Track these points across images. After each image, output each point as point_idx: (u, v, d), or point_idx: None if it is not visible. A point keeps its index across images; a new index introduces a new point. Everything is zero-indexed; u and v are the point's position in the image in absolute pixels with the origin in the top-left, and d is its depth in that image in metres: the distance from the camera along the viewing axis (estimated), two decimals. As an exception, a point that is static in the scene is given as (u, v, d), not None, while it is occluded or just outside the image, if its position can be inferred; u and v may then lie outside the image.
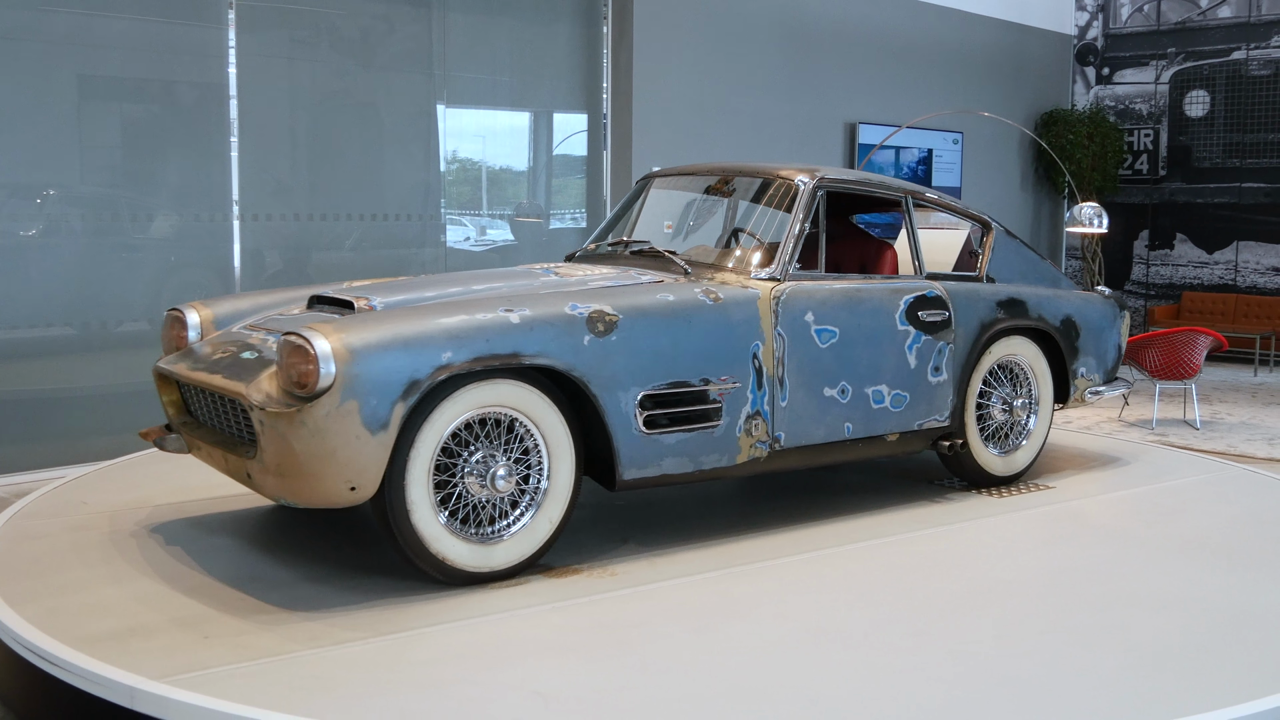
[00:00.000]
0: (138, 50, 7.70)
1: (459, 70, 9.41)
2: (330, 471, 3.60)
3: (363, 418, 3.57)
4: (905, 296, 5.00)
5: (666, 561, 4.34)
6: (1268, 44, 14.26)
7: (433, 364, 3.67)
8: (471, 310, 3.89)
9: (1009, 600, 3.98)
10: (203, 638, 3.55)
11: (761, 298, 4.54)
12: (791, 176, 4.97)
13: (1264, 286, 14.38)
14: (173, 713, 3.06)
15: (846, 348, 4.76)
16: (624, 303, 4.19)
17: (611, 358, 4.06)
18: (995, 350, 5.36)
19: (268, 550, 4.47)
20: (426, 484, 3.79)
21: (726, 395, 4.40)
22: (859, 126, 12.29)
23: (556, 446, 4.04)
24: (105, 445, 7.20)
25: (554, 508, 4.09)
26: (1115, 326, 5.96)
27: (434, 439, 3.78)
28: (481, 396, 3.85)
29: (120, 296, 7.68)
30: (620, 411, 4.10)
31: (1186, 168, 14.98)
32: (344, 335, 3.63)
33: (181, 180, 7.90)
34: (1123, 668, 3.42)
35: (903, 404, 4.99)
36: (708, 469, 4.39)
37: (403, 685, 3.21)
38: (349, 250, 8.78)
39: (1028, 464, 5.62)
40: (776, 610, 3.83)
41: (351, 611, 3.77)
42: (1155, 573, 4.31)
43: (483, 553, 3.93)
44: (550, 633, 3.60)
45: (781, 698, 3.15)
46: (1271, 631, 3.74)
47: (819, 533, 4.75)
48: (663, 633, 3.61)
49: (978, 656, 3.45)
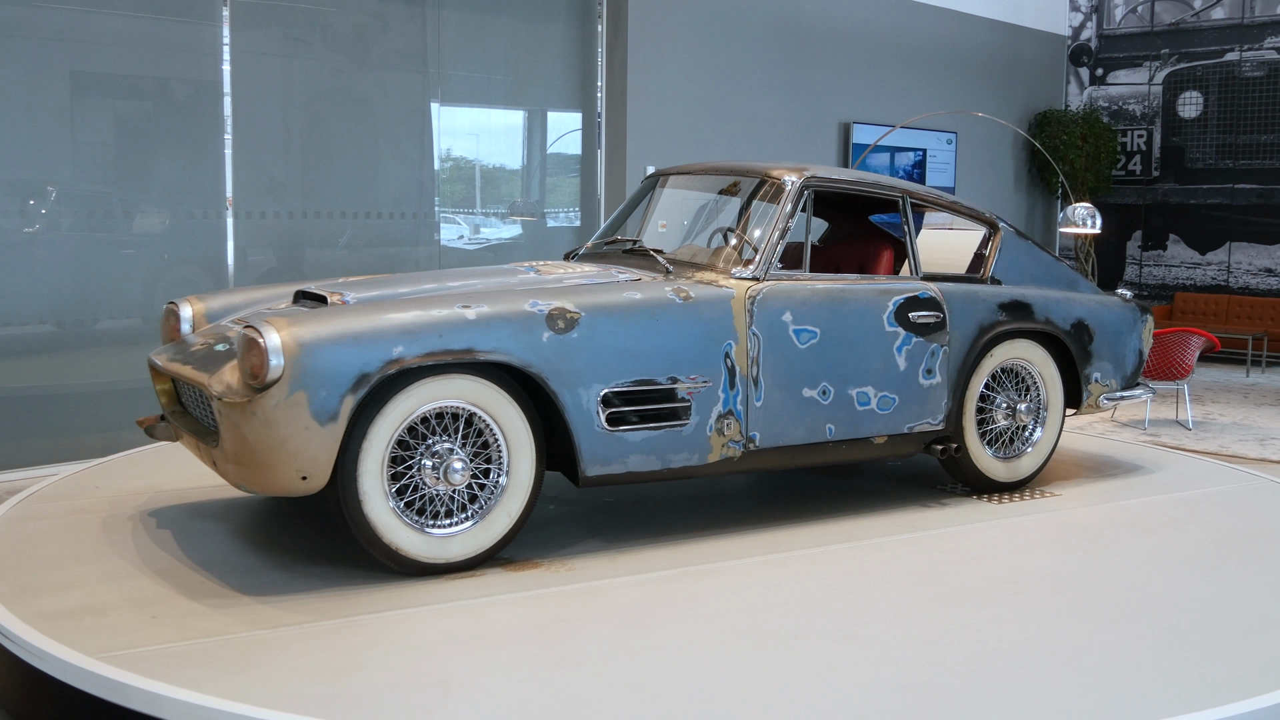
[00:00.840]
0: (132, 47, 7.69)
1: (453, 68, 9.40)
2: (281, 460, 3.70)
3: (311, 409, 3.66)
4: (895, 297, 4.91)
5: (629, 558, 4.34)
6: (1261, 45, 14.29)
7: (383, 358, 3.75)
8: (427, 306, 3.96)
9: (960, 607, 3.89)
10: (151, 617, 3.67)
11: (735, 297, 4.51)
12: (780, 175, 4.94)
13: (1256, 287, 14.41)
14: (97, 687, 3.21)
15: (828, 348, 4.71)
16: (587, 300, 4.21)
17: (572, 355, 4.09)
18: (997, 353, 5.24)
19: (249, 536, 4.55)
20: (380, 475, 3.86)
21: (696, 394, 4.38)
22: (853, 126, 12.30)
23: (516, 442, 4.08)
24: (98, 442, 7.19)
25: (513, 502, 4.12)
26: (1135, 331, 5.76)
27: (387, 432, 3.85)
28: (436, 391, 3.91)
29: (114, 293, 7.67)
30: (581, 408, 4.13)
31: (1180, 169, 15.01)
32: (295, 329, 3.72)
33: (175, 177, 7.89)
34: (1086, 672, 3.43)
35: (891, 406, 4.91)
36: (677, 467, 4.39)
37: (314, 669, 3.29)
38: (342, 248, 8.77)
39: (1034, 470, 5.47)
40: (714, 610, 3.81)
41: (303, 596, 3.86)
42: (1140, 578, 4.27)
43: (438, 544, 3.99)
44: (482, 624, 3.64)
45: (681, 697, 3.14)
46: (1261, 635, 3.75)
47: (793, 535, 4.69)
48: (592, 628, 3.64)
49: (899, 662, 3.40)
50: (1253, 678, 3.33)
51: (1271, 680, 3.30)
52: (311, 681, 3.20)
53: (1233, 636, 3.68)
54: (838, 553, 4.48)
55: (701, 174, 5.33)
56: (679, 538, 4.63)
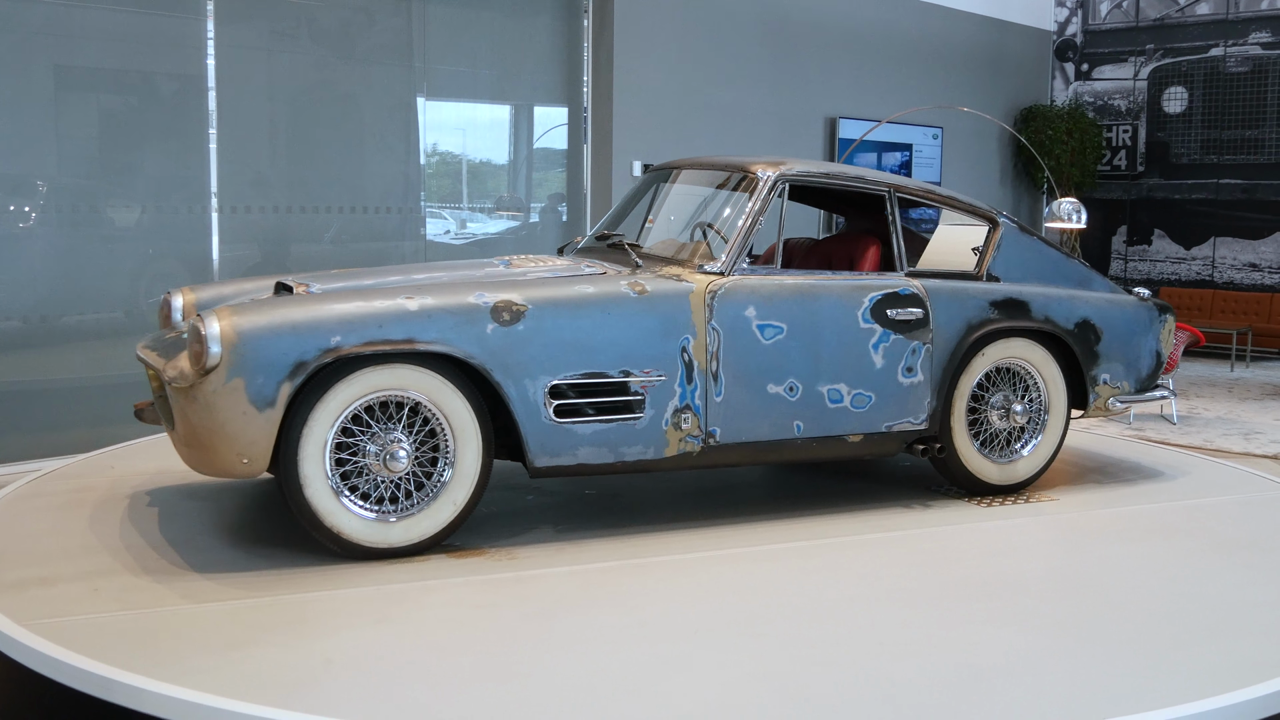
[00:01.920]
0: (115, 41, 7.66)
1: (439, 63, 9.39)
2: (222, 444, 3.85)
3: (248, 395, 3.81)
4: (871, 294, 4.82)
5: (577, 549, 4.36)
6: (1245, 41, 14.34)
7: (320, 347, 3.86)
8: (370, 297, 4.06)
9: (892, 607, 3.81)
10: (93, 590, 3.80)
11: (695, 291, 4.48)
12: (755, 170, 4.90)
13: (1240, 282, 14.47)
14: (8, 647, 3.41)
15: (796, 344, 4.65)
16: (535, 294, 4.26)
17: (517, 347, 4.15)
18: (990, 352, 5.09)
19: (229, 517, 4.65)
20: (321, 460, 3.97)
21: (650, 388, 4.39)
22: (839, 121, 12.32)
23: (461, 431, 4.15)
24: (82, 437, 7.17)
25: (459, 491, 4.18)
26: (1151, 331, 5.53)
27: (329, 418, 3.96)
28: (379, 380, 4.00)
29: (98, 288, 7.64)
30: (527, 399, 4.18)
31: (1164, 164, 15.06)
32: (235, 318, 3.87)
33: (160, 172, 7.87)
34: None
35: (866, 404, 4.82)
36: (631, 461, 4.41)
37: (214, 643, 3.39)
38: (328, 243, 8.76)
39: (1031, 474, 5.30)
40: (631, 604, 3.80)
41: (247, 574, 3.97)
42: (1100, 584, 4.16)
43: (381, 530, 4.08)
44: (398, 608, 3.71)
45: (544, 686, 3.16)
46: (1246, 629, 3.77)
47: (752, 532, 4.63)
48: (499, 616, 3.67)
49: (794, 659, 3.36)
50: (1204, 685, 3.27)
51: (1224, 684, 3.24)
52: (204, 654, 3.30)
53: (1186, 643, 3.61)
54: (786, 551, 4.41)
55: (690, 168, 5.32)
56: (639, 530, 4.62)
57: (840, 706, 3.09)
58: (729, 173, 5.02)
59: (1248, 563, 4.38)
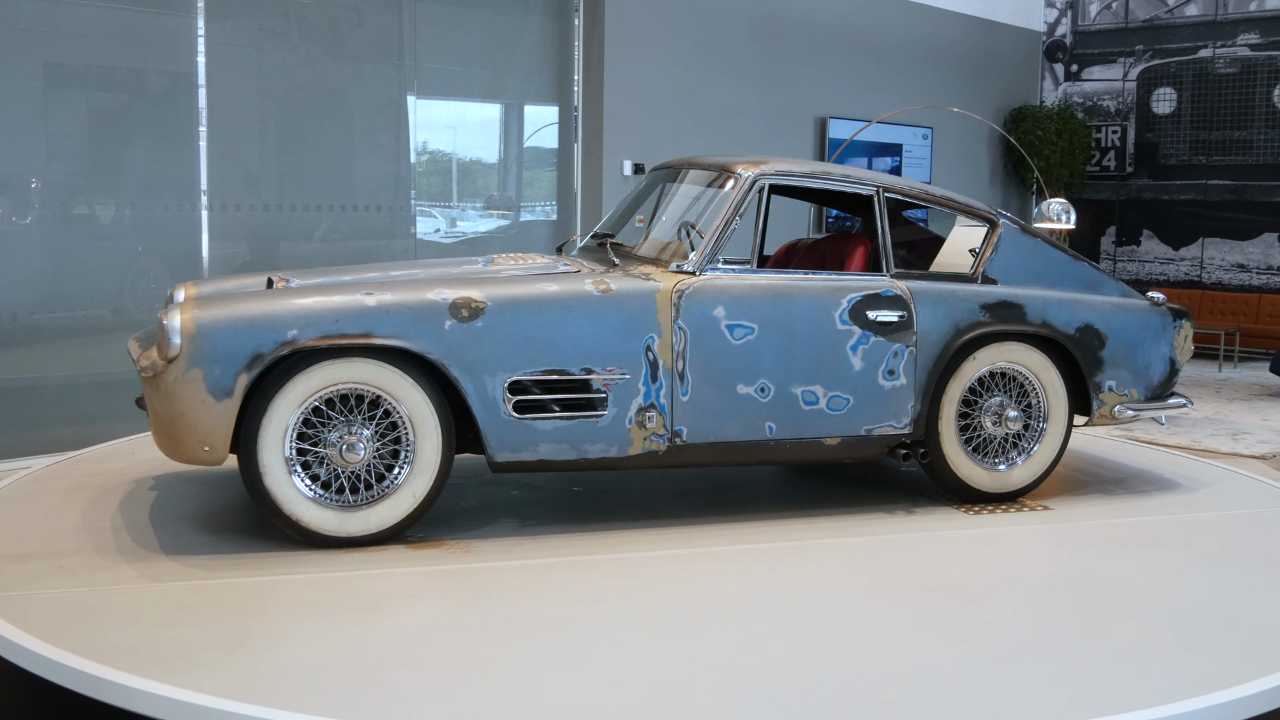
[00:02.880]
0: (105, 38, 7.64)
1: (430, 61, 9.38)
2: (183, 432, 4.01)
3: (207, 385, 3.95)
4: (850, 295, 4.75)
5: (534, 544, 4.39)
6: (1234, 42, 14.38)
7: (277, 340, 3.98)
8: (330, 293, 4.17)
9: (817, 612, 3.79)
10: (59, 567, 3.99)
11: (661, 291, 4.48)
12: (735, 169, 4.88)
13: (1229, 283, 14.52)
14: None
15: (767, 345, 4.61)
16: (496, 291, 4.31)
17: (475, 343, 4.21)
18: (982, 356, 4.96)
19: (216, 503, 4.77)
20: (280, 450, 4.09)
21: (613, 386, 4.40)
22: (829, 121, 12.33)
23: (421, 425, 4.22)
24: (71, 435, 7.15)
25: (418, 483, 4.26)
26: (1164, 337, 5.35)
27: (288, 409, 4.08)
28: (338, 373, 4.11)
29: (87, 286, 7.62)
30: (486, 395, 4.24)
31: (1153, 165, 15.10)
32: (196, 311, 4.02)
33: (149, 169, 7.85)
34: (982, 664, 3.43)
35: (844, 407, 4.75)
36: (594, 458, 4.44)
37: (144, 621, 3.52)
38: (318, 241, 8.74)
39: (1027, 483, 5.15)
40: (556, 599, 3.83)
41: (211, 557, 4.13)
42: (1047, 597, 4.10)
43: (340, 520, 4.18)
44: (330, 594, 3.81)
45: (434, 675, 3.21)
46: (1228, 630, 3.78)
47: (721, 531, 4.60)
48: (419, 606, 3.74)
49: (688, 660, 3.36)
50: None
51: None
52: (129, 632, 3.43)
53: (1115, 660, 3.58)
54: (750, 552, 4.37)
55: (690, 168, 5.31)
56: (608, 527, 4.62)
57: (790, 707, 3.10)
58: (715, 172, 5.01)
59: (1234, 567, 4.37)
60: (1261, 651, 3.52)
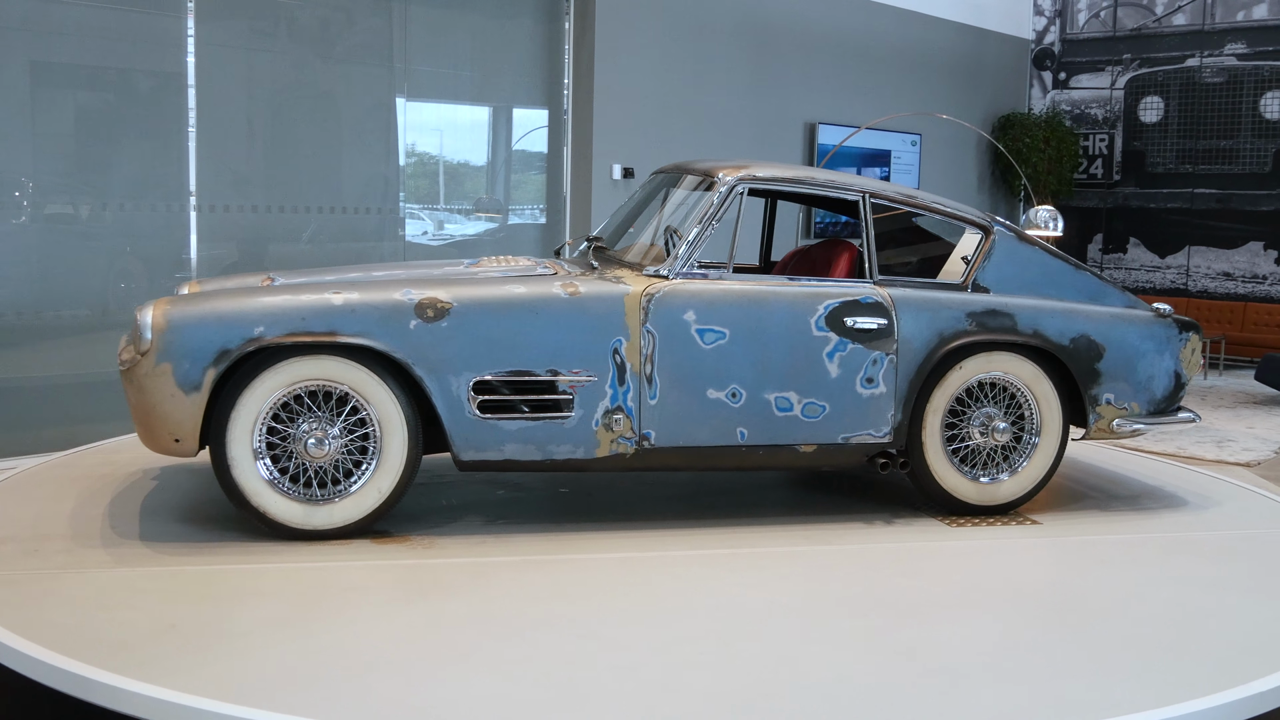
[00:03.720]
0: (94, 37, 7.63)
1: (419, 63, 9.38)
2: (156, 423, 4.16)
3: (176, 378, 4.09)
4: (828, 301, 4.71)
5: (498, 541, 4.43)
6: (1221, 52, 14.45)
7: (244, 336, 4.11)
8: (298, 292, 4.28)
9: (742, 622, 3.73)
10: (34, 550, 4.14)
11: (630, 294, 4.50)
12: (717, 173, 4.87)
13: (1214, 291, 14.58)
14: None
15: (739, 350, 4.59)
16: (463, 292, 4.38)
17: (440, 343, 4.29)
18: (969, 366, 4.87)
19: (216, 493, 4.76)
20: (249, 443, 4.20)
21: (579, 388, 4.44)
22: (819, 127, 12.36)
23: (388, 422, 4.31)
24: (58, 435, 7.13)
25: (384, 480, 4.35)
26: (1168, 350, 5.16)
27: (256, 404, 4.20)
28: (306, 370, 4.22)
29: (74, 287, 7.60)
30: (450, 394, 4.32)
31: (1140, 173, 15.17)
32: (168, 308, 4.17)
33: (138, 170, 7.83)
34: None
35: (820, 414, 4.71)
36: (561, 459, 4.48)
37: (89, 606, 3.62)
38: (306, 243, 8.73)
39: (1017, 496, 5.02)
40: (490, 594, 3.87)
41: (181, 545, 4.25)
42: (977, 617, 3.97)
43: (305, 513, 4.29)
44: (276, 585, 3.89)
45: (359, 666, 3.26)
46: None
47: (690, 536, 4.58)
48: (355, 600, 3.79)
49: (628, 667, 3.35)
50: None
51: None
52: (71, 614, 3.54)
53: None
54: (708, 558, 4.33)
55: (679, 172, 5.32)
56: (577, 528, 4.63)
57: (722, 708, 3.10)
58: (700, 177, 5.01)
59: (1204, 587, 4.24)
60: (1226, 670, 3.44)
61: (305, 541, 4.30)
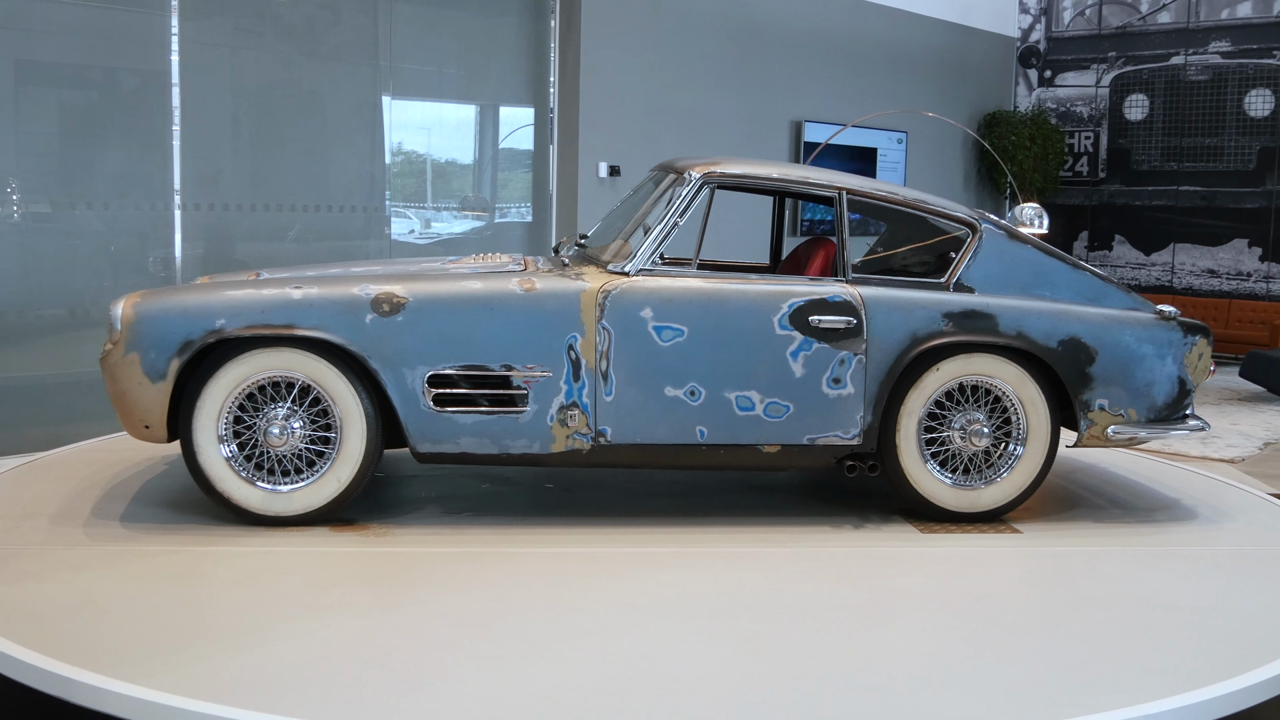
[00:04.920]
0: (78, 35, 7.60)
1: (405, 62, 9.36)
2: (127, 410, 4.37)
3: (143, 367, 4.29)
4: (792, 300, 4.61)
5: (449, 534, 4.51)
6: (1205, 50, 14.50)
7: (205, 328, 4.29)
8: (260, 286, 4.45)
9: (662, 620, 3.70)
10: (13, 529, 4.36)
11: (586, 291, 4.50)
12: (685, 169, 4.85)
13: (1199, 288, 14.63)
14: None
15: (698, 348, 4.55)
16: (419, 287, 4.47)
17: (395, 337, 4.40)
18: (947, 368, 4.71)
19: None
20: (214, 431, 4.38)
21: (534, 383, 4.48)
22: (805, 124, 12.37)
23: (347, 414, 4.44)
24: (41, 436, 7.10)
25: (343, 469, 4.47)
26: (1170, 354, 4.89)
27: (221, 393, 4.37)
28: (268, 362, 4.38)
29: (58, 285, 7.57)
30: (406, 388, 4.43)
31: (1125, 170, 15.21)
32: (137, 300, 4.36)
33: (122, 169, 7.81)
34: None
35: (783, 414, 4.63)
36: (517, 453, 4.54)
37: (71, 603, 3.69)
38: (292, 241, 8.71)
39: (1000, 504, 4.83)
40: (420, 581, 3.92)
41: (154, 525, 4.44)
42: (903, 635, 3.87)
43: (265, 500, 4.44)
44: (223, 567, 4.04)
45: (279, 650, 3.35)
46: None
47: (651, 534, 4.55)
48: (282, 585, 3.89)
49: (564, 660, 3.35)
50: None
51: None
52: (52, 614, 3.61)
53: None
54: (655, 555, 4.32)
55: (663, 169, 5.31)
56: (538, 523, 4.67)
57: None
58: (674, 174, 4.97)
59: (1190, 593, 4.16)
60: (1164, 681, 3.36)
61: (269, 528, 4.43)
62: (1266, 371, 11.63)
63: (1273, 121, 14.14)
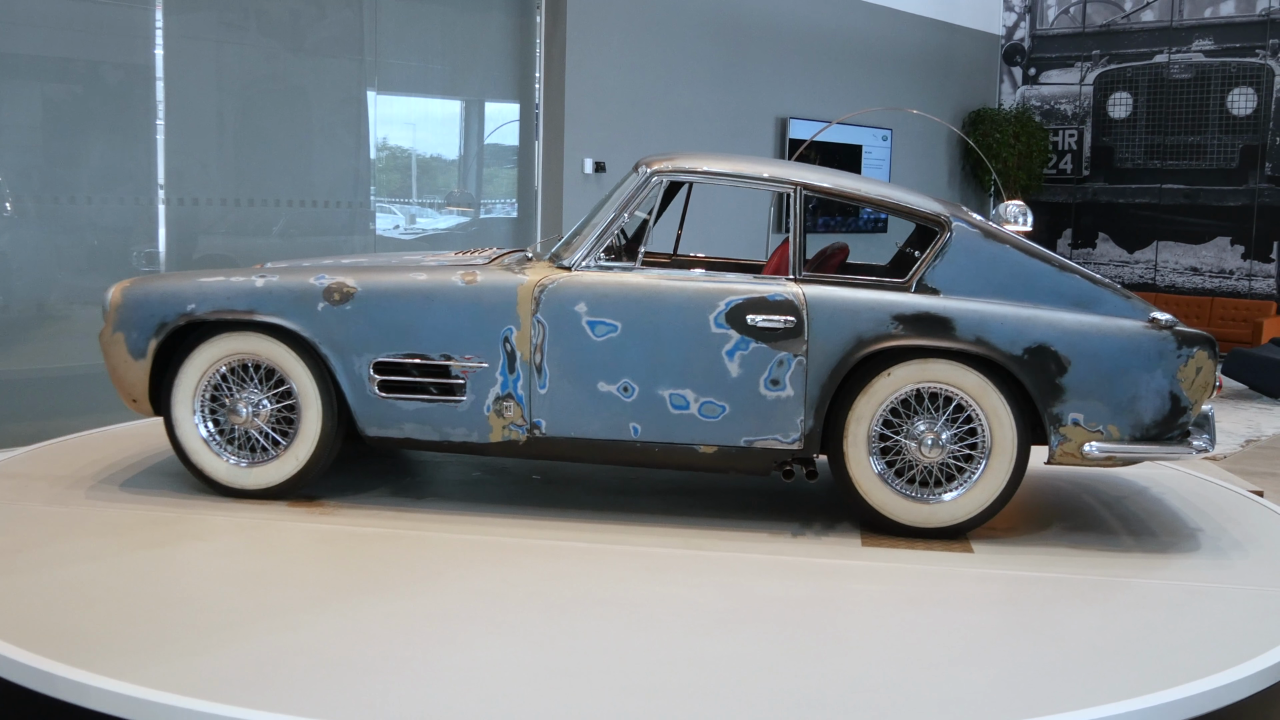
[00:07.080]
0: (61, 29, 7.57)
1: (390, 56, 9.34)
2: (118, 384, 4.80)
3: (128, 346, 4.73)
4: (730, 298, 4.49)
5: (390, 516, 4.65)
6: (1189, 48, 14.56)
7: (178, 311, 4.69)
8: (231, 274, 4.78)
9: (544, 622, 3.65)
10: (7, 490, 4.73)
11: (524, 285, 4.56)
12: (640, 165, 4.82)
13: (1182, 286, 14.70)
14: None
15: (631, 344, 4.51)
16: (368, 278, 4.71)
17: (344, 324, 4.66)
18: (900, 374, 4.46)
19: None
20: (189, 406, 4.77)
21: (471, 374, 4.61)
22: (790, 121, 12.38)
23: (304, 395, 4.73)
24: (25, 430, 7.08)
25: (302, 448, 4.75)
26: (1160, 366, 4.47)
27: (197, 372, 4.75)
28: (236, 345, 4.74)
29: (41, 280, 7.54)
30: (353, 373, 4.68)
31: (1109, 168, 15.27)
32: (126, 285, 4.77)
33: (106, 163, 7.78)
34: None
35: (719, 415, 4.52)
36: (457, 441, 4.70)
37: (55, 597, 3.76)
38: (276, 236, 8.69)
39: (959, 520, 4.53)
40: (381, 574, 3.98)
41: (137, 495, 4.78)
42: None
43: (232, 473, 4.80)
44: (206, 561, 4.19)
45: (198, 623, 3.49)
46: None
47: (591, 530, 4.55)
48: (192, 558, 4.14)
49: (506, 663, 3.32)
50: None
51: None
52: (34, 608, 3.68)
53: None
54: (576, 549, 4.32)
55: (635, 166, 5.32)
56: (494, 512, 4.73)
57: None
58: (634, 169, 4.95)
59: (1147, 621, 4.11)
60: (1139, 678, 3.30)
61: (239, 499, 4.74)
62: (1248, 369, 11.70)
63: (1255, 120, 14.21)
